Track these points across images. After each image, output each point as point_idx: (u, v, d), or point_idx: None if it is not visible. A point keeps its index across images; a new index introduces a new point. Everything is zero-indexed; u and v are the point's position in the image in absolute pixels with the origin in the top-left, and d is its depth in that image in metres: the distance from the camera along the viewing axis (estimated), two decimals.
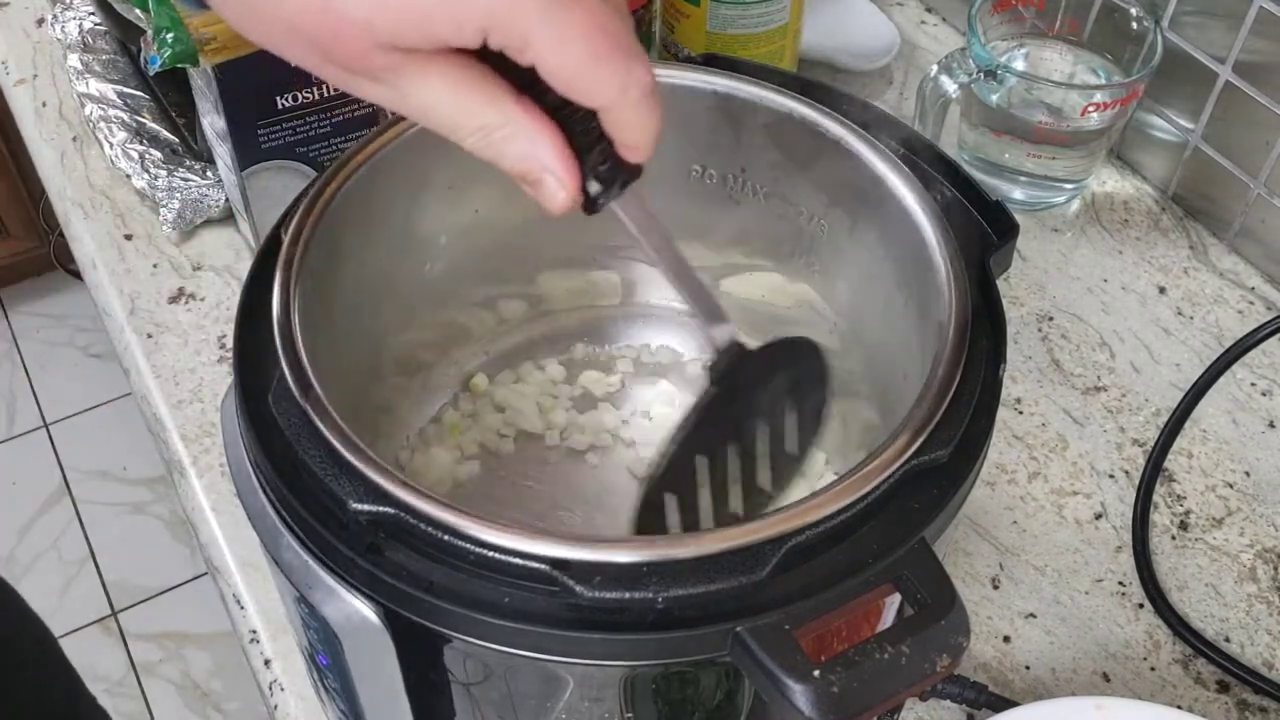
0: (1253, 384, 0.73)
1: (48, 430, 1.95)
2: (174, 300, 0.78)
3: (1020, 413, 0.72)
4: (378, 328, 0.56)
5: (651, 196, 0.54)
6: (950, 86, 0.76)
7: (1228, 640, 0.62)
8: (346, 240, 0.50)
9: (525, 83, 0.35)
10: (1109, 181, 0.85)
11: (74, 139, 0.88)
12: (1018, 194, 0.82)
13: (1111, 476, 0.69)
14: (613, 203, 0.39)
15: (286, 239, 0.47)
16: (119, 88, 0.86)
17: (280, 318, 0.45)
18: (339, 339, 0.50)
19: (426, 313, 0.59)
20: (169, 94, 0.85)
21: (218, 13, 0.36)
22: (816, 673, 0.36)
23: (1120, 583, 0.64)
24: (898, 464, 0.41)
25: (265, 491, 0.43)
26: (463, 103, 0.35)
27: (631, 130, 0.37)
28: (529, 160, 0.36)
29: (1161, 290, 0.78)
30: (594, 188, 0.38)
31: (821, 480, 0.60)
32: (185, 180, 0.81)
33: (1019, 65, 0.80)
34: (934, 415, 0.42)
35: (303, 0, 0.33)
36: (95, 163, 0.86)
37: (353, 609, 0.40)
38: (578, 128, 0.37)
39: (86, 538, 1.82)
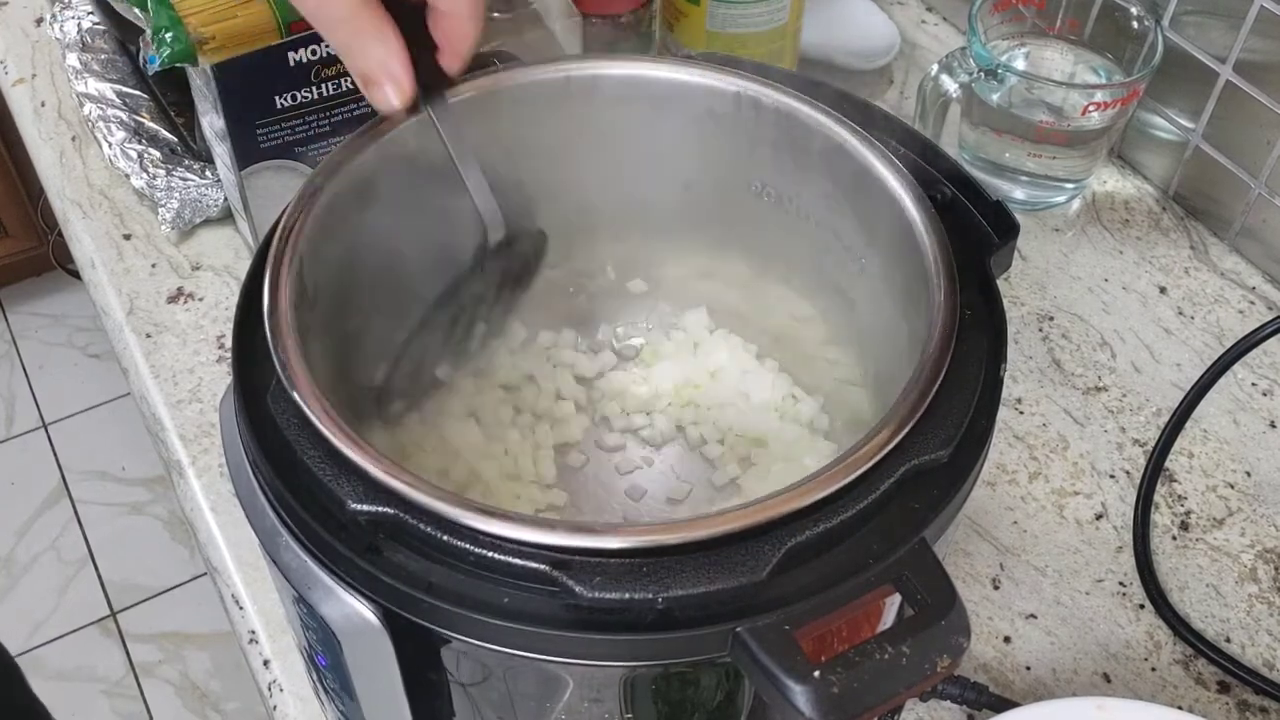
0: (1254, 384, 0.73)
1: (46, 430, 1.95)
2: (173, 300, 0.78)
3: (1021, 413, 0.72)
4: (375, 324, 0.56)
5: (713, 200, 0.58)
6: (951, 86, 0.76)
7: (1228, 641, 0.62)
8: (340, 237, 0.50)
9: None
10: (1110, 181, 0.85)
11: (73, 139, 0.88)
12: (1018, 193, 0.82)
13: (1112, 476, 0.69)
14: (430, 110, 0.46)
15: (276, 238, 0.47)
16: (118, 87, 0.86)
17: (271, 318, 0.45)
18: (336, 336, 0.50)
19: (422, 308, 0.59)
20: (168, 93, 0.85)
21: None
22: (816, 673, 0.36)
23: (1121, 583, 0.64)
24: (897, 462, 0.41)
25: (264, 491, 0.43)
26: (356, 8, 0.42)
27: (463, 40, 0.44)
28: (380, 68, 0.43)
29: (1162, 290, 0.78)
30: (419, 93, 0.45)
31: (812, 434, 0.61)
32: (184, 180, 0.81)
33: (1019, 64, 0.80)
34: (915, 412, 0.42)
35: None
36: (94, 162, 0.86)
37: (352, 609, 0.40)
38: (414, 39, 0.44)
39: (85, 538, 1.82)
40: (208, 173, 0.81)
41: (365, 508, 0.40)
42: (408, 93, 0.44)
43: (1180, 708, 0.53)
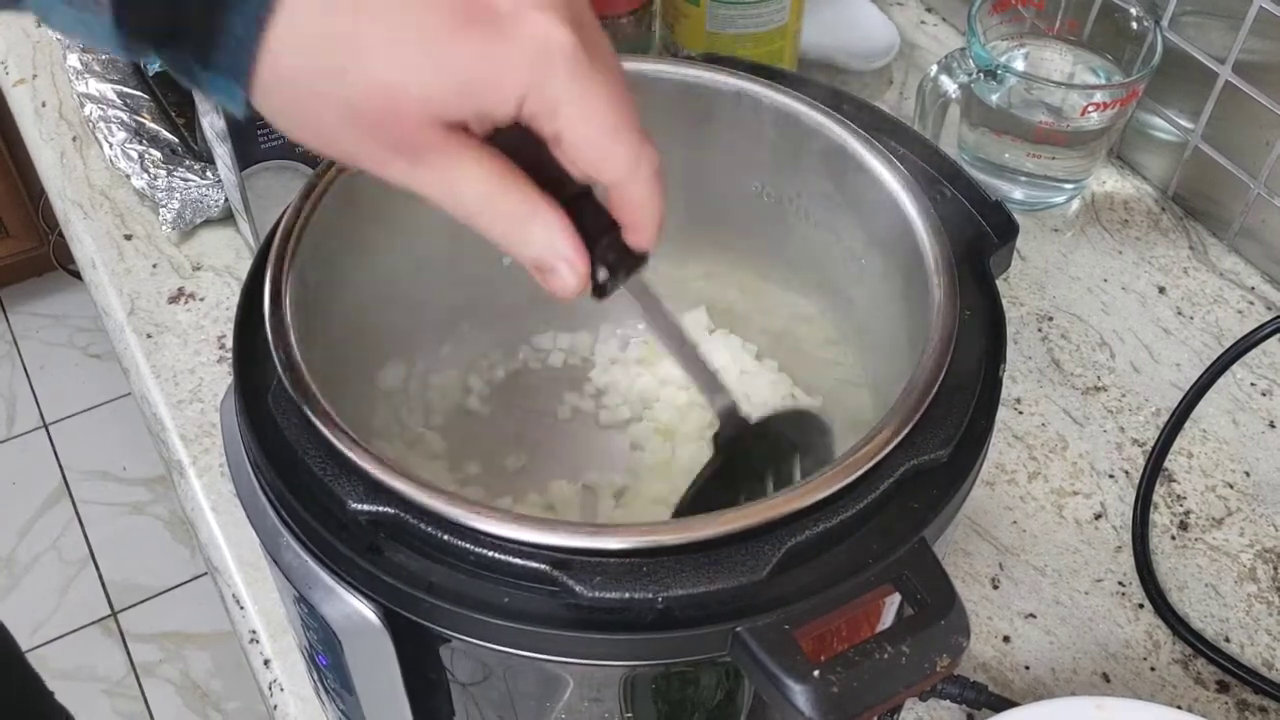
0: (1252, 384, 0.73)
1: (47, 430, 1.95)
2: (174, 300, 0.78)
3: (1020, 413, 0.72)
4: (376, 324, 0.56)
5: (713, 200, 0.57)
6: (950, 86, 0.76)
7: (1227, 640, 0.62)
8: (341, 237, 0.50)
9: (541, 179, 0.38)
10: (1109, 181, 0.85)
11: (74, 139, 0.88)
12: (1018, 194, 0.82)
13: (1111, 476, 0.69)
14: (626, 287, 0.41)
15: (277, 238, 0.47)
16: (119, 88, 0.86)
17: (273, 318, 0.45)
18: (337, 337, 0.50)
19: (423, 307, 0.59)
20: (169, 94, 0.85)
21: (262, 108, 0.36)
22: (816, 673, 0.36)
23: (1120, 583, 0.64)
24: (896, 462, 0.41)
25: (265, 491, 0.43)
26: (494, 189, 0.37)
27: (639, 209, 0.39)
28: (547, 250, 0.38)
29: (1161, 290, 0.78)
30: (602, 274, 0.40)
31: None
32: (185, 180, 0.81)
33: (1019, 65, 0.80)
34: (915, 412, 0.42)
35: (366, 79, 0.34)
36: (95, 163, 0.86)
37: (353, 609, 0.41)
38: (588, 217, 0.39)
39: (86, 538, 1.82)
40: (208, 173, 0.81)
41: (366, 507, 0.40)
42: (582, 271, 0.38)
43: (1179, 707, 0.53)
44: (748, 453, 0.48)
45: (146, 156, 0.82)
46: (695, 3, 0.80)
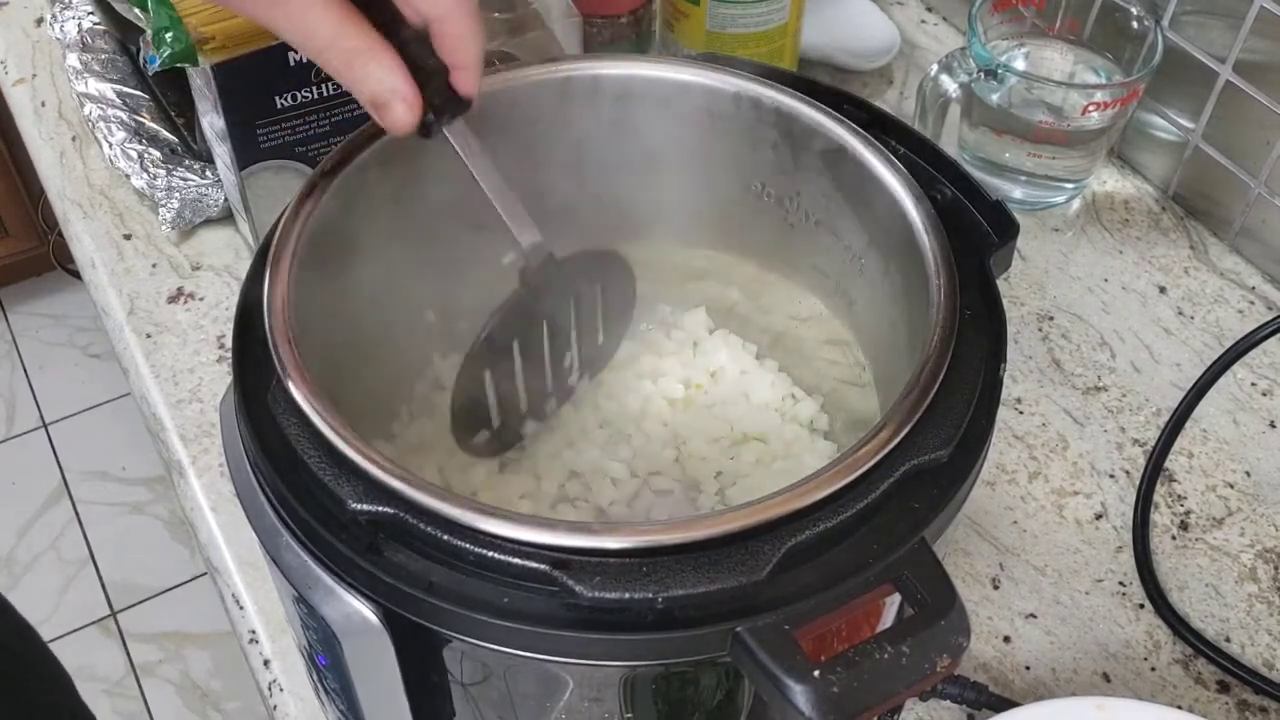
0: (1253, 384, 0.73)
1: (47, 430, 1.95)
2: (173, 300, 0.78)
3: (1020, 413, 0.72)
4: (375, 324, 0.56)
5: (713, 200, 0.58)
6: (950, 86, 0.76)
7: (1228, 640, 0.62)
8: (341, 236, 0.50)
9: (379, 23, 0.43)
10: (1109, 181, 0.85)
11: (73, 139, 0.88)
12: (1018, 193, 0.82)
13: (1112, 476, 0.69)
14: (445, 130, 0.46)
15: (276, 237, 0.47)
16: (118, 87, 0.86)
17: (273, 318, 0.45)
18: (337, 337, 0.50)
19: (422, 307, 0.59)
20: (168, 94, 0.85)
21: None
22: (816, 673, 0.36)
23: (1121, 583, 0.64)
24: (896, 462, 0.41)
25: (264, 491, 0.43)
26: (341, 28, 0.42)
27: (464, 44, 0.44)
28: (384, 84, 0.43)
29: (1162, 290, 0.78)
30: (430, 116, 0.45)
31: (812, 434, 0.62)
32: (184, 180, 0.81)
33: (1019, 65, 0.80)
34: (915, 412, 0.42)
35: None
36: (94, 162, 0.86)
37: (352, 609, 0.40)
38: (419, 63, 0.44)
39: (86, 538, 1.82)
40: (208, 173, 0.81)
41: (366, 507, 0.40)
42: (416, 107, 0.43)
43: (1180, 707, 0.53)
44: (553, 288, 0.53)
45: (146, 156, 0.82)
46: (695, 2, 0.80)
